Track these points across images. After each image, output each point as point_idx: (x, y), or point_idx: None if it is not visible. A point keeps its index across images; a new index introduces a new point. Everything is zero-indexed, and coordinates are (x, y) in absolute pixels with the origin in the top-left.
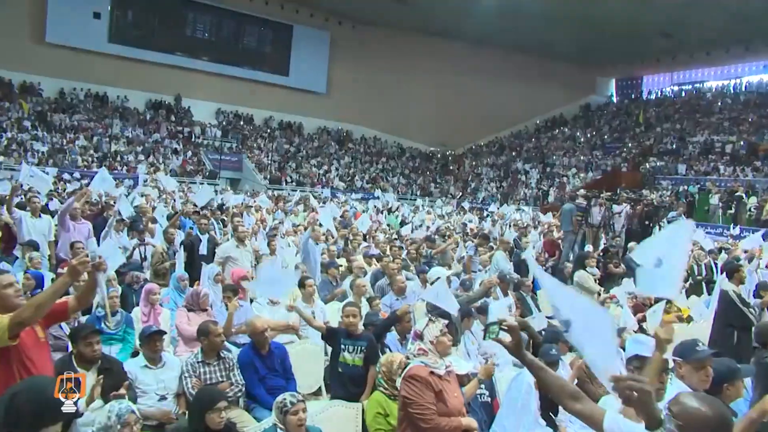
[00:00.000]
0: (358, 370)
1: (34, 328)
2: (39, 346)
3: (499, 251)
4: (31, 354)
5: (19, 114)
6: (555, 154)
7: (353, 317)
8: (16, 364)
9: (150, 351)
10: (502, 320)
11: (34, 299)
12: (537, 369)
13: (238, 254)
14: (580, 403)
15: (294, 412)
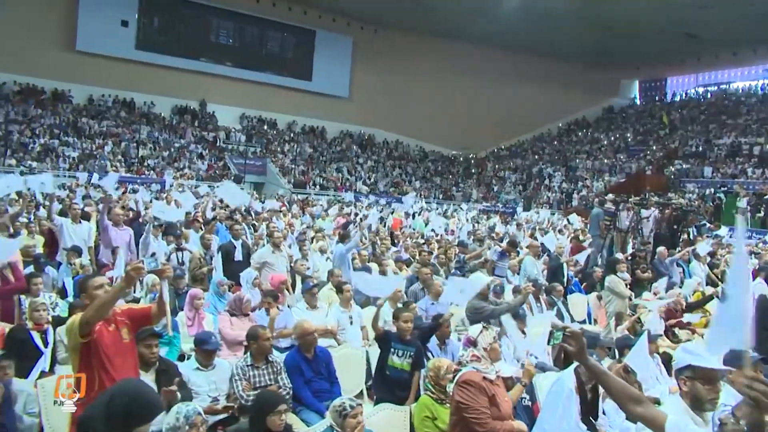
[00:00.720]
0: (405, 374)
1: (119, 329)
2: (121, 346)
3: (528, 256)
4: (110, 353)
5: (51, 120)
6: (578, 157)
7: (409, 322)
8: (96, 362)
9: (204, 359)
10: (565, 326)
11: (95, 301)
12: (599, 374)
13: (274, 259)
14: (641, 407)
15: (353, 416)
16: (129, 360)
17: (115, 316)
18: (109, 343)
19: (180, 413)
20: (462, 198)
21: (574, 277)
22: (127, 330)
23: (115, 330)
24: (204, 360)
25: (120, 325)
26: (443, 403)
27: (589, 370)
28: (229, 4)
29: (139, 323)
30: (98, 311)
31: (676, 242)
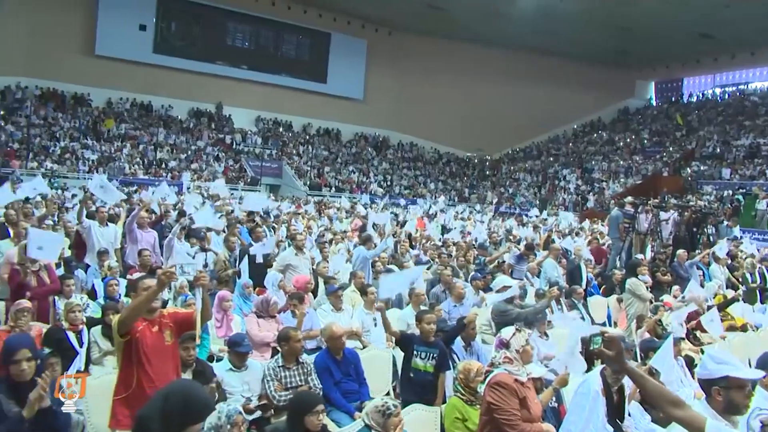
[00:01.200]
0: (428, 376)
1: (162, 332)
2: (162, 348)
3: (549, 258)
4: (150, 353)
5: (71, 124)
6: (593, 159)
7: (432, 324)
8: (135, 360)
9: (237, 360)
10: (603, 331)
11: (130, 303)
12: (638, 377)
13: (297, 262)
14: (681, 410)
15: (396, 415)
16: (169, 361)
17: (160, 318)
18: (150, 343)
19: (222, 412)
20: (477, 200)
21: (593, 280)
22: (170, 333)
23: (158, 332)
24: (237, 361)
25: (164, 328)
26: (473, 404)
27: (627, 373)
28: (245, 8)
29: (183, 327)
30: (131, 312)
31: (695, 245)
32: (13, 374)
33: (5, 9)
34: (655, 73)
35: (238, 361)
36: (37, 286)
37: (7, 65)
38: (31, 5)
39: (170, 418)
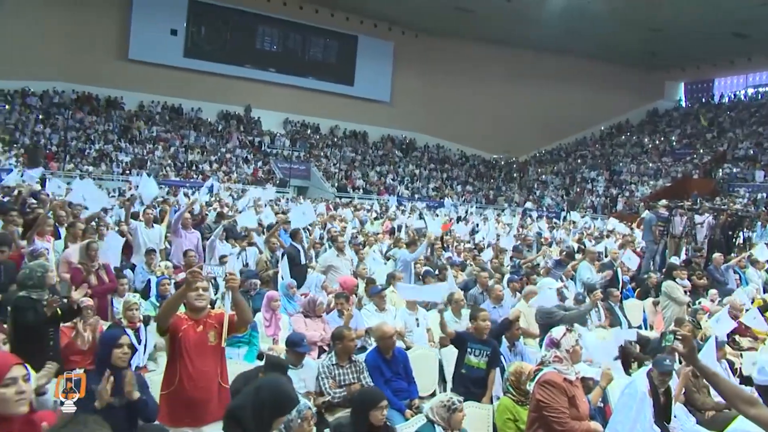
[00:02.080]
0: (481, 372)
1: (207, 332)
2: (205, 347)
3: (584, 261)
4: (192, 352)
5: (105, 127)
6: (622, 161)
7: (487, 321)
8: (178, 357)
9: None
10: (676, 330)
11: (164, 303)
12: (711, 375)
13: (339, 263)
14: (755, 408)
15: (460, 410)
16: (210, 361)
17: (206, 318)
18: (193, 342)
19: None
20: (504, 202)
21: (628, 283)
22: (215, 333)
23: (203, 331)
24: (295, 360)
25: (208, 328)
26: (524, 404)
27: (700, 371)
28: (274, 12)
29: (229, 329)
30: (163, 312)
31: (731, 248)
32: (115, 358)
33: (42, 16)
34: (684, 74)
35: (296, 359)
36: (97, 285)
37: (45, 71)
38: (68, 13)
39: (261, 410)
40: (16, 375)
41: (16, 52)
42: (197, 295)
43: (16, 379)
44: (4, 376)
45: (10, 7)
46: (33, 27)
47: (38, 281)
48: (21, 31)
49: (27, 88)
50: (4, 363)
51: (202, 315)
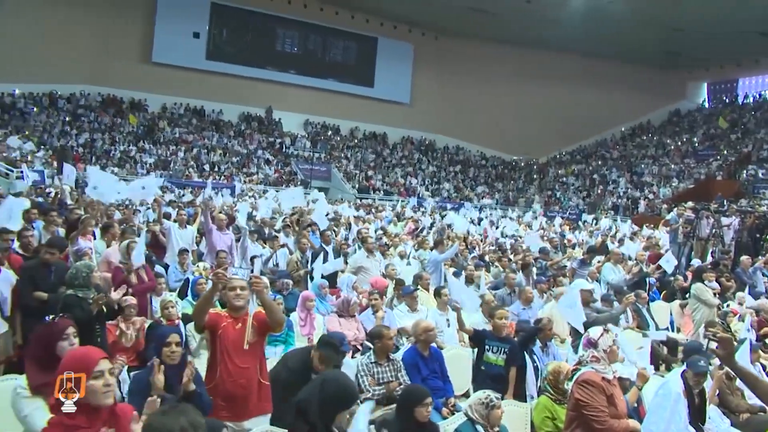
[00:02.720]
0: (499, 369)
1: (244, 330)
2: (243, 345)
3: (608, 263)
4: (230, 350)
5: (130, 129)
6: (643, 163)
7: (504, 319)
8: (218, 354)
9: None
10: (715, 332)
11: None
12: (749, 377)
13: (369, 264)
14: None
15: (498, 407)
16: (250, 358)
17: (245, 316)
18: (232, 340)
19: None
20: (525, 204)
21: (654, 285)
22: (253, 332)
23: (242, 329)
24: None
25: (247, 326)
26: (561, 403)
27: (738, 373)
28: (294, 14)
29: (264, 328)
30: (196, 312)
31: (758, 250)
32: (165, 356)
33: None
34: (708, 74)
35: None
36: (137, 284)
37: (73, 74)
38: (94, 19)
39: (326, 403)
40: (104, 368)
41: (45, 57)
42: (235, 294)
43: (103, 372)
44: (93, 369)
45: (39, 13)
46: (60, 32)
47: (84, 280)
48: (49, 37)
49: (55, 91)
50: (93, 356)
51: (242, 313)
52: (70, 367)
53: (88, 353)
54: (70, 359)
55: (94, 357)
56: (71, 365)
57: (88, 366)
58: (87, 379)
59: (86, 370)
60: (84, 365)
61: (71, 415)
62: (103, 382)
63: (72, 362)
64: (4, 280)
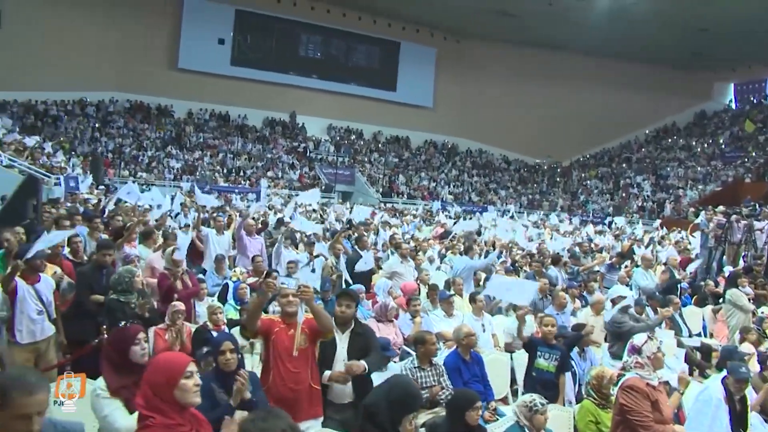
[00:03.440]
0: (550, 375)
1: (294, 336)
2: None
3: (638, 268)
4: (282, 355)
5: (158, 134)
6: (668, 165)
7: (552, 327)
8: (272, 359)
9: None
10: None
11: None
12: None
13: (403, 269)
14: None
15: (542, 412)
16: (301, 363)
17: (297, 323)
18: (284, 345)
19: None
20: (549, 207)
21: (686, 290)
22: (305, 337)
23: (294, 335)
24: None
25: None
26: (605, 408)
27: None
28: (317, 20)
29: (315, 335)
30: (247, 320)
31: None
32: (221, 364)
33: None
34: (735, 75)
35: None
36: (182, 289)
37: (101, 82)
38: (123, 27)
39: (394, 406)
40: (192, 369)
41: (75, 66)
42: (287, 301)
43: (192, 372)
44: (185, 369)
45: (70, 24)
46: (90, 41)
47: (127, 285)
48: (79, 46)
49: (84, 98)
50: (185, 358)
51: (293, 320)
52: (162, 369)
53: (179, 356)
54: (163, 362)
55: (184, 359)
56: (164, 367)
57: (179, 367)
58: (179, 380)
59: (178, 372)
60: (176, 367)
61: (167, 413)
62: (193, 382)
63: (165, 364)
64: (47, 286)
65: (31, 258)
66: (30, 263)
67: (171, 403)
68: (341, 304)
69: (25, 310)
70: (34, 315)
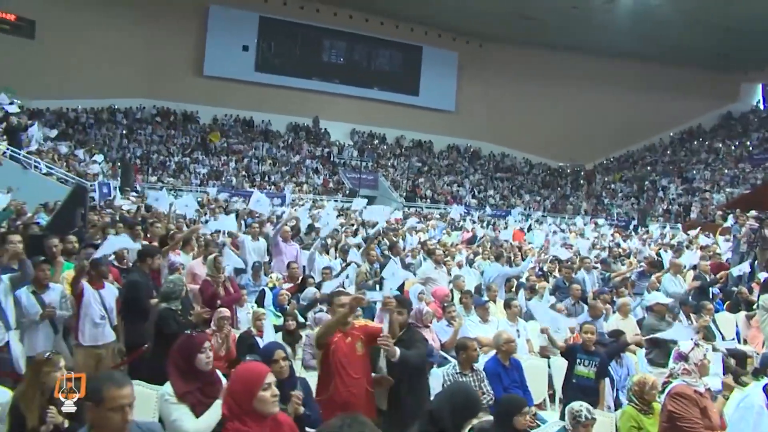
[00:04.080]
0: (590, 382)
1: (354, 343)
2: (354, 357)
3: (668, 274)
4: (344, 361)
5: (183, 140)
6: (694, 168)
7: (592, 334)
8: (332, 368)
9: None
10: None
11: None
12: None
13: (437, 275)
14: None
15: (585, 425)
16: (360, 368)
17: (352, 330)
18: (344, 353)
19: None
20: (572, 211)
21: (718, 295)
22: (361, 344)
23: (351, 342)
24: None
25: (355, 339)
26: (647, 414)
27: None
28: (340, 25)
29: (371, 340)
30: (326, 331)
31: None
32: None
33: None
34: (763, 75)
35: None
36: (224, 296)
37: (129, 89)
38: (150, 35)
39: (456, 411)
40: (271, 381)
41: (104, 74)
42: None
43: (271, 383)
44: (263, 381)
45: (99, 33)
46: (119, 50)
47: (178, 294)
48: (108, 55)
49: (113, 105)
50: (263, 370)
51: (348, 328)
52: (242, 381)
53: (258, 367)
54: (243, 373)
55: (263, 371)
56: (244, 378)
57: (258, 379)
58: (258, 392)
59: (257, 384)
60: (255, 378)
61: (244, 421)
62: (271, 393)
63: (244, 376)
64: (111, 293)
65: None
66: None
67: (251, 413)
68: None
69: (89, 313)
70: (97, 320)
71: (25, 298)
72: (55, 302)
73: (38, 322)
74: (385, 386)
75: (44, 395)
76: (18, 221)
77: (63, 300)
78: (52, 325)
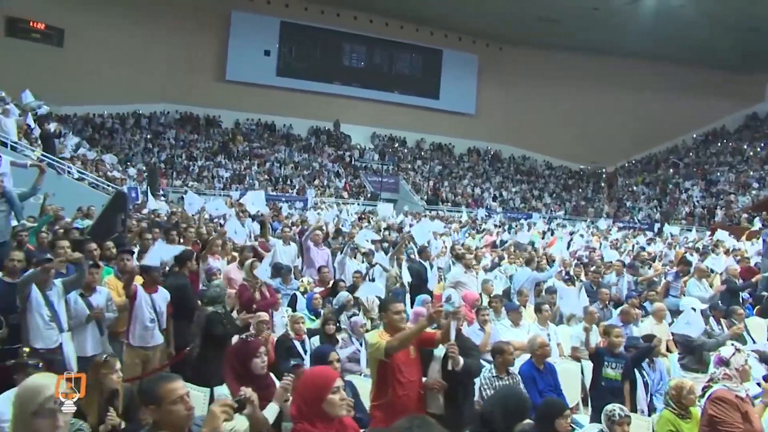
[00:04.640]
0: (618, 384)
1: (408, 347)
2: (409, 361)
3: (692, 279)
4: (402, 367)
5: (206, 145)
6: (718, 170)
7: (620, 337)
8: (390, 373)
9: None
10: None
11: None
12: None
13: (467, 279)
14: None
15: (620, 423)
16: (414, 372)
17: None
18: (402, 360)
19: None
20: (594, 214)
21: (748, 299)
22: (414, 348)
23: (406, 349)
24: None
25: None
26: (684, 418)
27: None
28: (360, 29)
29: (424, 344)
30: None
31: None
32: None
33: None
34: None
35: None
36: (260, 300)
37: (153, 94)
38: (172, 41)
39: (508, 414)
40: (339, 384)
41: (129, 79)
42: (400, 317)
43: (339, 387)
44: (332, 385)
45: (124, 40)
46: (143, 56)
47: (223, 298)
48: (133, 61)
49: (138, 110)
50: (332, 374)
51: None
52: (312, 384)
53: (328, 372)
54: (313, 377)
55: (333, 375)
56: (313, 382)
57: (327, 383)
58: (327, 395)
59: (326, 388)
60: (324, 383)
61: (313, 422)
62: (339, 396)
63: (314, 379)
64: (162, 297)
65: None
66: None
67: (320, 415)
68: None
69: (140, 315)
70: (147, 323)
71: (74, 301)
72: (101, 305)
73: (86, 323)
74: (438, 390)
75: (103, 396)
76: (56, 226)
77: (109, 302)
78: (99, 327)
